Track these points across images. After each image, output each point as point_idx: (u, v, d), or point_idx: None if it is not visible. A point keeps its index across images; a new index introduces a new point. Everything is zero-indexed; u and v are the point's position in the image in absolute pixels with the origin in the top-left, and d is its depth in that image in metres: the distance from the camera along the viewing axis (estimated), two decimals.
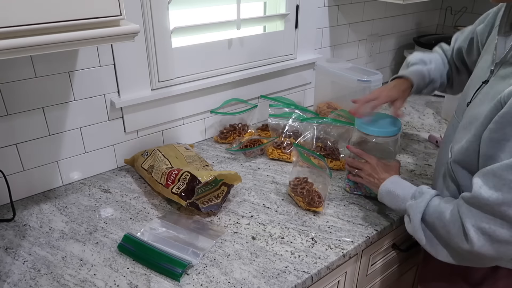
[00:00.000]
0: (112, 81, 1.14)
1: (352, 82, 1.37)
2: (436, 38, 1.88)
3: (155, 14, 1.14)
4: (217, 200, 1.05)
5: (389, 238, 1.10)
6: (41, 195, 1.12)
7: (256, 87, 1.48)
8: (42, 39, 0.68)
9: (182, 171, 1.04)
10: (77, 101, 1.10)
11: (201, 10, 1.33)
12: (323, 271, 0.89)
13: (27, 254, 0.91)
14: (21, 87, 1.00)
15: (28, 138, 1.06)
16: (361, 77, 1.36)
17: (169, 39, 1.19)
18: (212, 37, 1.33)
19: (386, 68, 2.03)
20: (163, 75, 1.22)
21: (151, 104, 1.23)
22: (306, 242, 0.95)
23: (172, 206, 1.07)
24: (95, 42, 0.74)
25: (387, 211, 1.06)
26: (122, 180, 1.19)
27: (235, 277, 0.85)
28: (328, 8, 1.59)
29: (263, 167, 1.26)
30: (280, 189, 1.15)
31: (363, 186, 1.10)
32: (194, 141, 1.40)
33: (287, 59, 1.53)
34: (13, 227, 0.99)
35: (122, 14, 0.75)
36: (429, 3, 2.04)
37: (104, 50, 1.10)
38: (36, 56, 1.00)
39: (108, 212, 1.05)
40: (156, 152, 1.17)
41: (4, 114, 1.00)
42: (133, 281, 0.84)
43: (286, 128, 1.35)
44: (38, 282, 0.84)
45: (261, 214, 1.04)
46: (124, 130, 1.22)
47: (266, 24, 1.48)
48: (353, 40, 1.77)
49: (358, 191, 1.12)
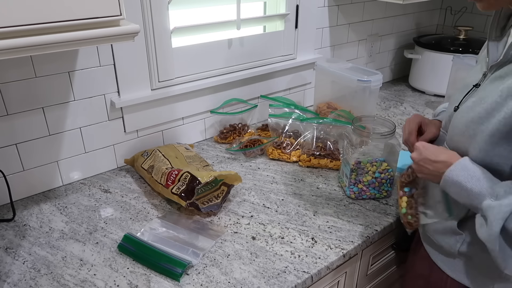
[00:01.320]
0: (112, 81, 1.14)
1: (352, 82, 1.38)
2: (436, 38, 1.88)
3: (155, 14, 1.14)
4: (217, 200, 1.05)
5: (389, 238, 1.10)
6: (41, 195, 1.12)
7: (256, 87, 1.48)
8: (42, 39, 0.68)
9: (182, 172, 1.04)
10: (77, 101, 1.10)
11: (201, 10, 1.33)
12: (323, 271, 0.89)
13: (27, 254, 0.91)
14: (21, 87, 1.00)
15: (28, 138, 1.06)
16: (361, 77, 1.36)
17: (169, 39, 1.19)
18: (212, 37, 1.33)
19: (386, 68, 2.03)
20: (163, 75, 1.22)
21: (151, 104, 1.23)
22: (306, 242, 0.95)
23: (172, 206, 1.07)
24: (95, 42, 0.74)
25: (387, 211, 1.06)
26: (122, 180, 1.19)
27: (235, 277, 0.85)
28: (328, 8, 1.59)
29: (263, 167, 1.26)
30: (280, 189, 1.15)
31: (368, 189, 1.08)
32: (194, 141, 1.40)
33: (287, 59, 1.53)
34: (13, 227, 1.00)
35: (122, 14, 0.75)
36: (429, 3, 2.04)
37: (104, 50, 1.10)
38: (36, 56, 1.00)
39: (108, 212, 1.05)
40: (156, 152, 1.17)
41: (4, 114, 1.00)
42: (133, 281, 0.84)
43: (286, 128, 1.35)
44: (38, 282, 0.84)
45: (261, 214, 1.04)
46: (124, 130, 1.22)
47: (266, 24, 1.48)
48: (353, 40, 1.77)
49: (363, 194, 1.10)
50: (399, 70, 2.10)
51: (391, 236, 1.11)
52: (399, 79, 2.10)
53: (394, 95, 1.88)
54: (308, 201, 1.10)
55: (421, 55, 1.85)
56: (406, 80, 2.04)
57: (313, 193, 1.13)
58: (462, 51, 1.72)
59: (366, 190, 1.09)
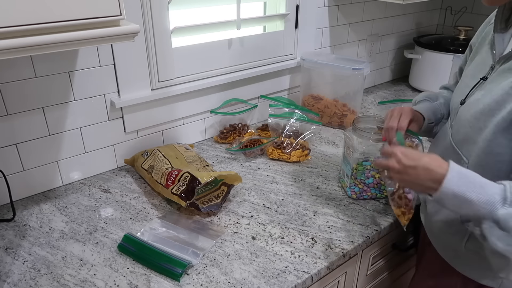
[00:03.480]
0: (112, 81, 1.14)
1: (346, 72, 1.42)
2: (436, 38, 1.88)
3: (155, 14, 1.14)
4: (217, 200, 1.05)
5: (389, 238, 1.10)
6: (41, 195, 1.12)
7: (256, 87, 1.48)
8: (42, 39, 0.68)
9: (182, 172, 1.04)
10: (77, 101, 1.10)
11: (201, 10, 1.33)
12: (323, 271, 0.89)
13: (27, 254, 0.91)
14: (21, 87, 1.00)
15: (28, 138, 1.06)
16: (355, 66, 1.41)
17: (169, 39, 1.19)
18: (212, 37, 1.33)
19: (386, 68, 2.03)
20: (163, 75, 1.22)
21: (151, 104, 1.23)
22: (306, 242, 0.95)
23: (172, 206, 1.07)
24: (95, 42, 0.74)
25: (387, 211, 1.05)
26: (122, 180, 1.19)
27: (235, 277, 0.85)
28: (328, 8, 1.59)
29: (263, 167, 1.26)
30: (280, 189, 1.15)
31: (370, 189, 1.08)
32: (194, 141, 1.40)
33: (287, 59, 1.53)
34: (13, 227, 1.00)
35: (122, 14, 0.75)
36: (429, 3, 2.04)
37: (104, 50, 1.10)
38: (36, 56, 1.00)
39: (108, 212, 1.05)
40: (156, 152, 1.17)
41: (4, 114, 1.00)
42: (133, 281, 0.84)
43: (287, 128, 1.35)
44: (38, 282, 0.84)
45: (261, 214, 1.04)
46: (124, 130, 1.22)
47: (266, 24, 1.48)
48: (353, 40, 1.77)
49: (364, 195, 1.10)
50: (399, 70, 2.10)
51: (391, 236, 1.11)
52: (399, 79, 2.10)
53: (394, 95, 1.88)
54: (308, 201, 1.10)
55: (421, 55, 1.85)
56: (406, 80, 2.04)
57: (313, 193, 1.13)
58: (462, 51, 1.72)
59: (367, 190, 1.09)
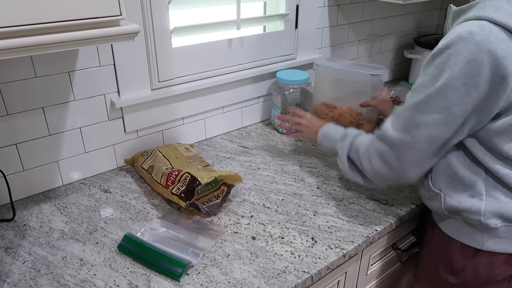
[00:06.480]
0: (112, 81, 1.14)
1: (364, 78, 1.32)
2: (436, 38, 1.88)
3: (155, 14, 1.14)
4: (217, 200, 1.05)
5: (389, 238, 1.10)
6: (41, 195, 1.12)
7: (256, 87, 1.48)
8: (42, 39, 0.68)
9: (182, 172, 1.04)
10: (77, 101, 1.10)
11: (201, 10, 1.33)
12: (323, 271, 0.89)
13: (27, 254, 0.91)
14: (21, 87, 1.00)
15: (28, 138, 1.06)
16: (373, 71, 1.33)
17: (169, 39, 1.19)
18: (212, 37, 1.33)
19: (386, 68, 2.02)
20: (163, 75, 1.22)
21: (151, 104, 1.23)
22: (306, 242, 0.95)
23: (172, 206, 1.07)
24: (95, 42, 0.74)
25: (387, 211, 1.06)
26: (122, 180, 1.19)
27: (235, 277, 0.85)
28: (328, 8, 1.59)
29: (263, 167, 1.26)
30: (280, 189, 1.15)
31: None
32: (194, 141, 1.40)
33: (287, 59, 1.53)
34: (13, 227, 1.00)
35: (122, 14, 0.75)
36: (429, 3, 2.04)
37: (104, 50, 1.10)
38: (36, 56, 1.00)
39: (108, 212, 1.05)
40: (156, 152, 1.17)
41: (4, 114, 1.00)
42: (133, 281, 0.84)
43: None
44: (38, 282, 0.84)
45: (261, 214, 1.04)
46: (124, 130, 1.22)
47: (266, 24, 1.48)
48: (353, 40, 1.77)
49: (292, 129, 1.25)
50: (399, 70, 2.10)
51: (391, 236, 1.11)
52: (399, 79, 2.10)
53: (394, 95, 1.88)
54: (308, 201, 1.10)
55: (421, 55, 1.85)
56: (406, 80, 2.04)
57: (313, 193, 1.13)
58: None
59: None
